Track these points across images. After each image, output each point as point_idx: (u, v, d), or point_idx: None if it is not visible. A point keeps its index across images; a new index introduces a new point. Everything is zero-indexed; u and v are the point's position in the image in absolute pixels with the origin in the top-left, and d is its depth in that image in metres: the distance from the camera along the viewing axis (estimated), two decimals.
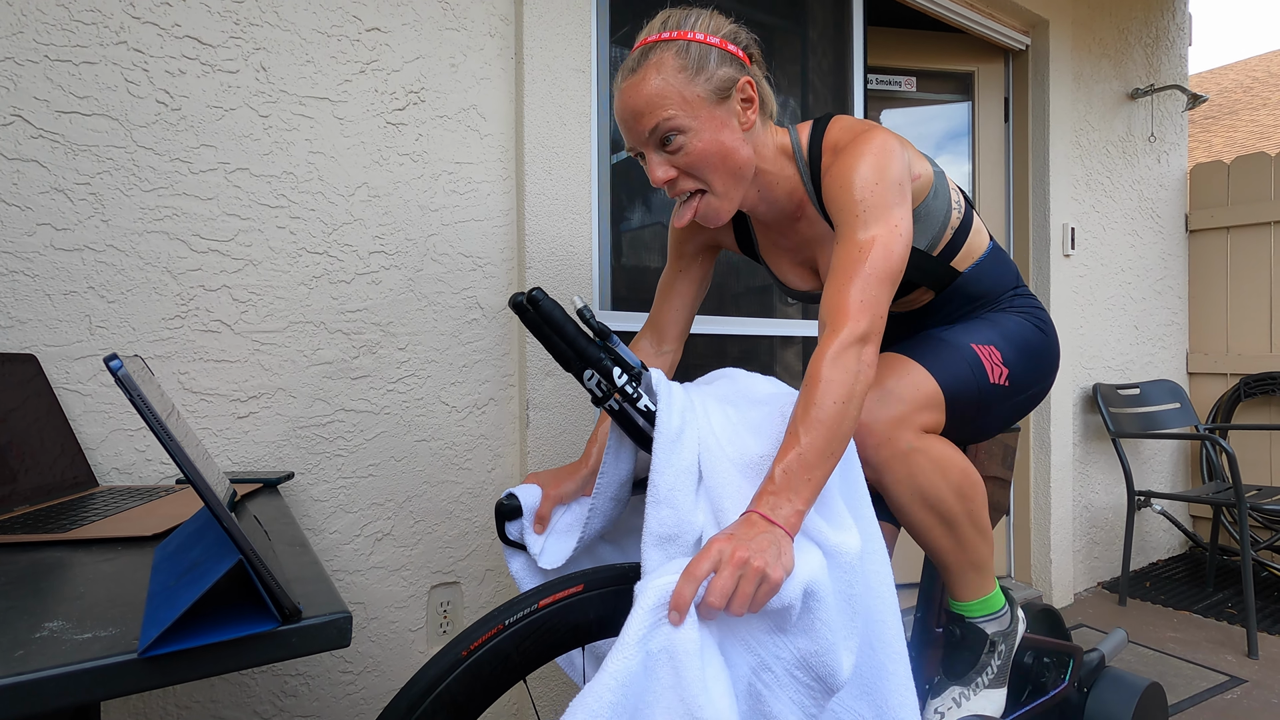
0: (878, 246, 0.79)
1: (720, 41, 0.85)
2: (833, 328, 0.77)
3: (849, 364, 0.75)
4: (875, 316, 0.77)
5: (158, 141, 1.08)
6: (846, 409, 0.73)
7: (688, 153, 0.85)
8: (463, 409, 1.34)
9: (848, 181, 0.83)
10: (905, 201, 0.83)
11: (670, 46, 0.84)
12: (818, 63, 2.00)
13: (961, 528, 0.94)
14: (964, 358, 0.95)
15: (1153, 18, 2.91)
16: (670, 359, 1.10)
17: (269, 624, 0.50)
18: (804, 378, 0.77)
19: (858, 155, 0.84)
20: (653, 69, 0.83)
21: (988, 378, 0.96)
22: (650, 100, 0.83)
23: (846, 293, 0.78)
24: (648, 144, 0.87)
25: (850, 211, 0.82)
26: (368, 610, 1.25)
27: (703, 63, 0.84)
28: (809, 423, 0.73)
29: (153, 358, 1.07)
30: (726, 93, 0.86)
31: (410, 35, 1.29)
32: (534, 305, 0.76)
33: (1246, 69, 9.71)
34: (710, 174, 0.87)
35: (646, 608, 0.61)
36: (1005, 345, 1.00)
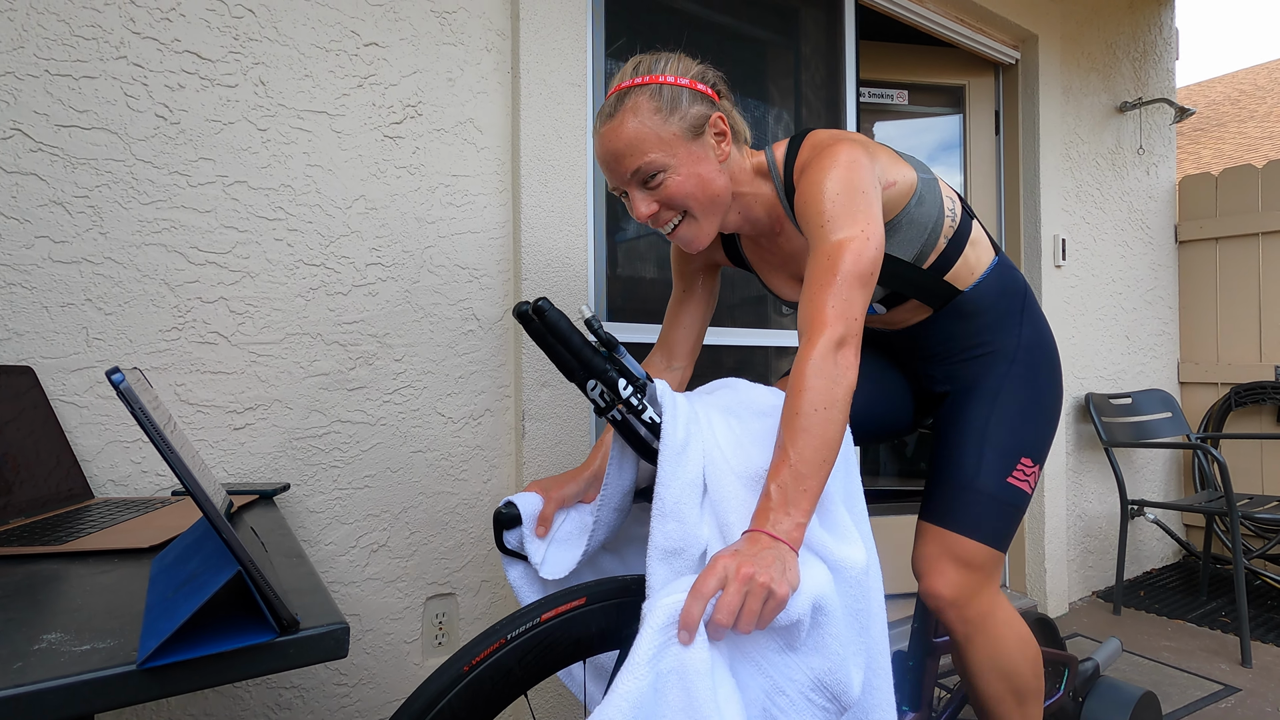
0: (847, 252, 0.81)
1: (690, 82, 0.90)
2: (810, 336, 0.78)
3: (828, 369, 0.76)
4: (850, 320, 0.79)
5: (156, 155, 1.08)
6: (830, 414, 0.74)
7: (667, 188, 0.89)
8: (459, 420, 1.35)
9: (814, 195, 0.85)
10: (872, 208, 0.85)
11: (644, 90, 0.88)
12: (811, 76, 2.02)
13: (1031, 703, 1.02)
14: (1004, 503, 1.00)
15: (1140, 32, 2.96)
16: (680, 375, 1.12)
17: (267, 635, 0.50)
18: (787, 389, 0.78)
19: (822, 170, 0.86)
20: (629, 113, 0.87)
21: (1028, 495, 1.03)
22: (630, 143, 0.87)
23: (820, 300, 0.79)
24: (630, 183, 0.91)
25: (817, 222, 0.84)
26: (363, 622, 1.24)
27: (675, 103, 0.88)
28: (796, 433, 0.73)
29: (149, 369, 1.07)
30: (700, 129, 0.90)
31: (408, 50, 1.30)
32: (539, 315, 0.77)
33: (1233, 82, 9.84)
34: (690, 203, 0.91)
35: (656, 627, 0.61)
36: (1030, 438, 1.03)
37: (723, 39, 1.83)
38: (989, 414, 1.03)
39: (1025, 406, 1.04)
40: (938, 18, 2.25)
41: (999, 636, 1.00)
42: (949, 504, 1.01)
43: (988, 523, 1.00)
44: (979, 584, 1.00)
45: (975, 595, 0.99)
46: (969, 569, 0.99)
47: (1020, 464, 1.02)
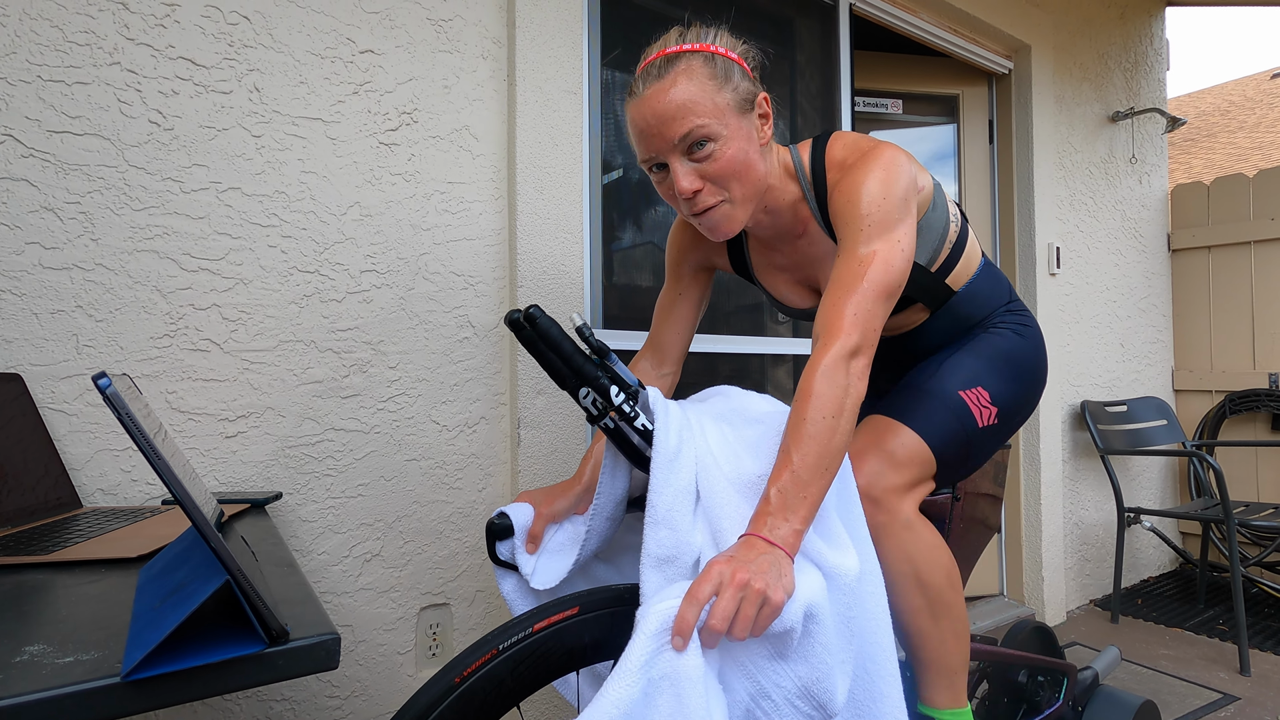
0: (878, 261, 0.80)
1: (738, 58, 0.87)
2: (825, 341, 0.77)
3: (839, 378, 0.75)
4: (868, 330, 0.78)
5: (149, 161, 1.08)
6: (838, 423, 0.74)
7: (716, 159, 0.84)
8: (453, 428, 1.34)
9: (855, 196, 0.83)
10: (910, 218, 0.84)
11: (697, 56, 0.84)
12: (806, 85, 2.03)
13: (947, 619, 0.92)
14: (950, 409, 0.95)
15: (1131, 43, 2.99)
16: (670, 380, 1.11)
17: (256, 646, 0.49)
18: (796, 392, 0.77)
19: (866, 171, 0.85)
20: (683, 75, 0.82)
21: (976, 423, 0.97)
22: (682, 106, 0.81)
23: (842, 307, 0.78)
24: (674, 151, 0.84)
25: (854, 226, 0.82)
26: (355, 633, 1.23)
27: (728, 74, 0.84)
28: (800, 439, 0.73)
29: (141, 377, 1.06)
30: (749, 105, 0.86)
31: (404, 57, 1.30)
32: (530, 323, 0.76)
33: (1223, 93, 9.94)
34: (733, 184, 0.86)
35: (649, 633, 0.60)
36: (992, 378, 0.99)
37: None
38: (954, 350, 1.03)
39: (995, 358, 1.01)
40: (931, 28, 2.27)
41: (906, 539, 0.90)
42: (891, 400, 0.97)
43: (924, 416, 0.93)
44: (901, 482, 0.90)
45: (893, 493, 0.90)
46: (893, 461, 0.90)
47: (977, 389, 0.97)
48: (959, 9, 2.25)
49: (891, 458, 0.91)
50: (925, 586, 0.90)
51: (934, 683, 0.94)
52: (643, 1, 1.67)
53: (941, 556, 0.92)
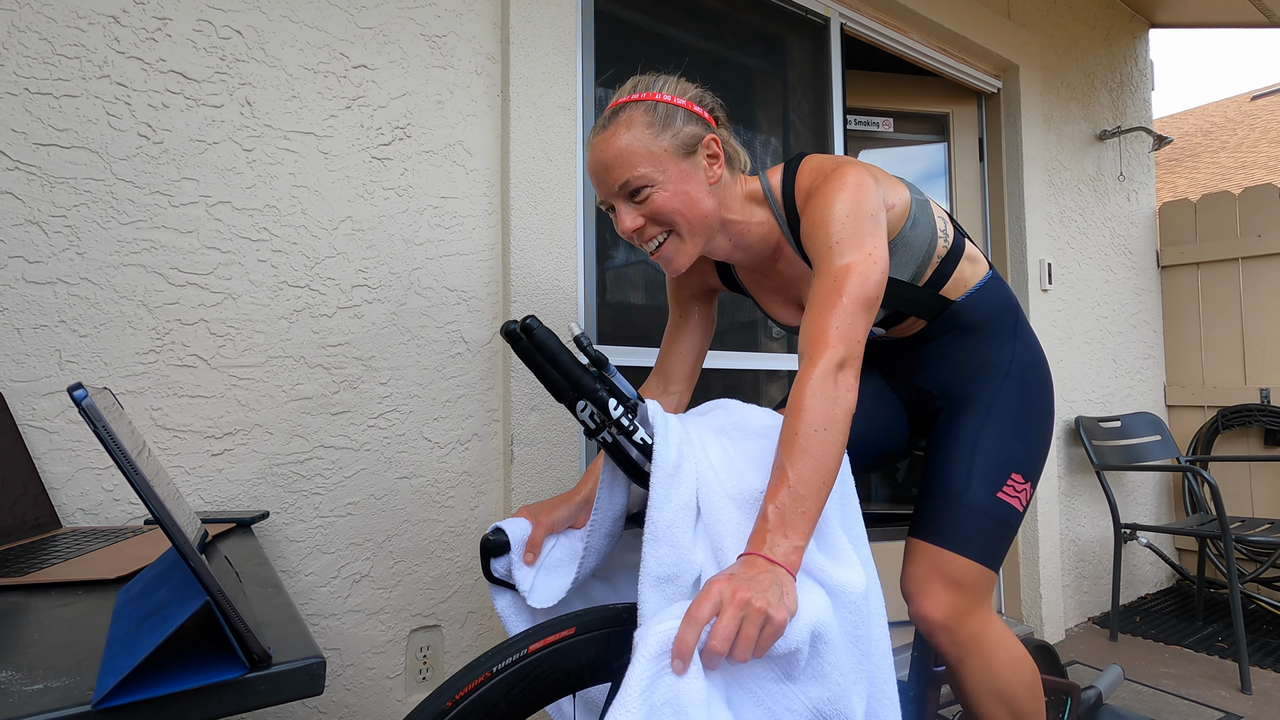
0: (853, 275, 0.80)
1: (686, 103, 0.90)
2: (811, 357, 0.77)
3: (828, 390, 0.74)
4: (852, 343, 0.78)
5: (138, 174, 1.06)
6: (829, 435, 0.73)
7: (653, 202, 0.88)
8: (445, 445, 1.32)
9: (822, 218, 0.85)
10: (880, 231, 0.85)
11: (639, 106, 0.88)
12: (798, 104, 2.05)
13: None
14: (994, 517, 0.98)
15: (1117, 64, 3.03)
16: (677, 399, 1.10)
17: (237, 670, 0.47)
18: (786, 408, 0.76)
19: (831, 193, 0.86)
20: (622, 126, 0.87)
21: (1019, 512, 1.00)
22: (619, 155, 0.87)
23: (823, 322, 0.78)
24: (617, 196, 0.90)
25: (825, 245, 0.83)
26: (344, 656, 1.19)
27: (669, 120, 0.88)
28: (794, 454, 0.72)
29: (125, 393, 1.04)
30: (692, 148, 0.89)
31: (397, 73, 1.30)
32: (527, 333, 0.75)
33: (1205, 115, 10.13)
34: (676, 220, 0.90)
35: (648, 656, 0.58)
36: (1021, 454, 1.01)
37: (711, 66, 1.84)
38: (980, 428, 1.02)
39: (1017, 423, 1.02)
40: (921, 47, 2.30)
41: (993, 658, 0.96)
42: (938, 520, 0.99)
43: (977, 539, 0.97)
44: (970, 604, 0.97)
45: (967, 616, 0.96)
46: (959, 588, 0.96)
47: (1011, 479, 0.99)
48: (948, 29, 2.28)
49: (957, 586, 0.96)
50: (1006, 698, 0.97)
51: None
52: (635, 18, 1.68)
53: (1024, 671, 0.98)
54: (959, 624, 0.96)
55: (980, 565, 0.96)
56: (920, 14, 2.19)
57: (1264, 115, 9.30)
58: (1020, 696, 0.97)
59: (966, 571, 0.96)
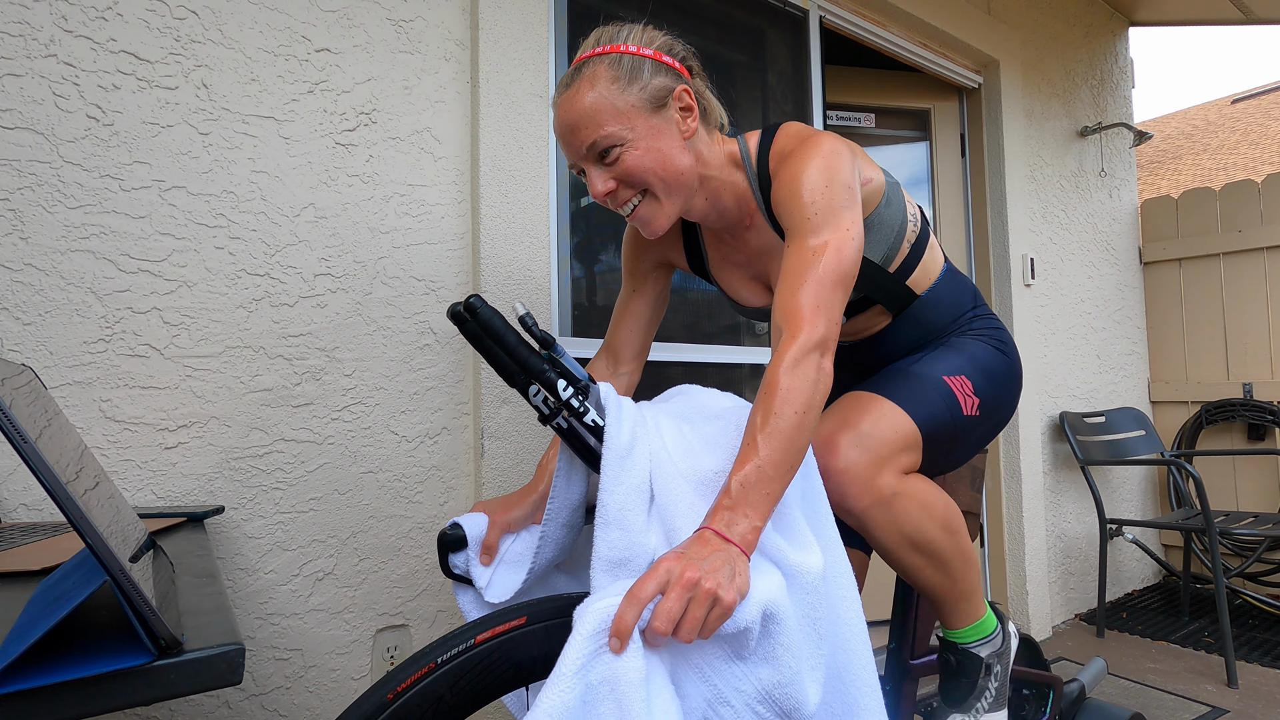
0: (830, 250, 0.77)
1: (654, 53, 0.85)
2: (790, 333, 0.74)
3: (808, 372, 0.71)
4: (831, 321, 0.75)
5: (86, 157, 1.02)
6: (806, 419, 0.70)
7: (624, 162, 0.84)
8: (413, 439, 1.28)
9: (796, 186, 0.81)
10: (856, 204, 0.82)
11: (603, 60, 0.84)
12: (778, 99, 2.03)
13: (952, 562, 0.91)
14: (938, 391, 0.92)
15: (1097, 61, 3.04)
16: (626, 380, 1.06)
17: (142, 657, 0.43)
18: (761, 384, 0.73)
19: (806, 160, 0.82)
20: (586, 83, 0.83)
21: (961, 410, 0.94)
22: (585, 114, 0.83)
23: (800, 297, 0.75)
24: (586, 159, 0.86)
25: (800, 215, 0.80)
26: (306, 657, 1.15)
27: (636, 73, 0.83)
28: (768, 433, 0.69)
29: (72, 384, 1.00)
30: (662, 101, 0.85)
31: (362, 57, 1.27)
32: (471, 313, 0.72)
33: (1186, 118, 10.24)
34: (651, 180, 0.85)
35: (585, 634, 0.55)
36: (975, 373, 0.97)
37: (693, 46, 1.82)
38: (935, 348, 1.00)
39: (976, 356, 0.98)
40: (902, 41, 2.29)
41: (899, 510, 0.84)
42: (873, 379, 0.93)
43: (908, 392, 0.88)
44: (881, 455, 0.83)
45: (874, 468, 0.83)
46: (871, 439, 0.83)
47: (960, 377, 0.94)
48: (928, 24, 2.27)
49: (869, 434, 0.84)
50: (921, 547, 0.88)
51: (951, 612, 0.95)
52: (608, 6, 1.66)
53: (933, 512, 0.87)
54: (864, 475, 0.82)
55: (906, 416, 0.86)
56: (900, 8, 2.18)
57: (1244, 118, 9.41)
58: (932, 538, 0.87)
59: (887, 415, 0.85)
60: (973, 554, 0.95)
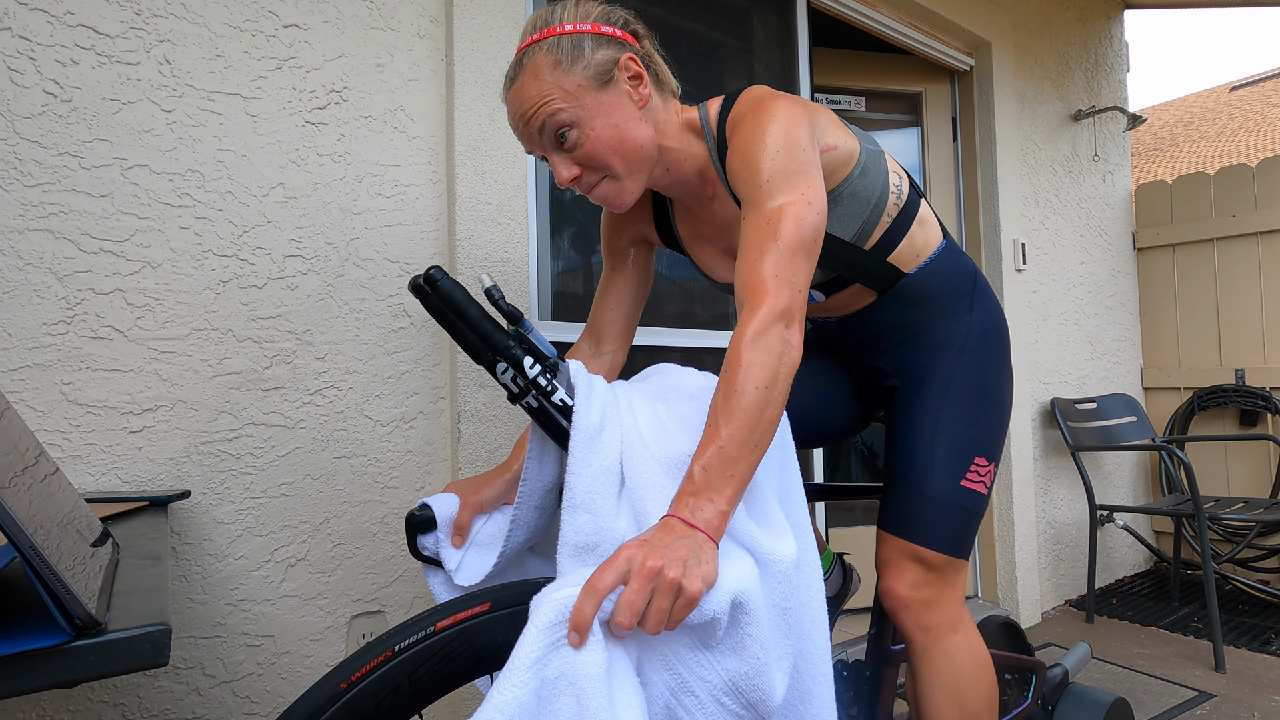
0: (787, 216, 0.74)
1: (592, 26, 0.83)
2: (751, 305, 0.71)
3: (771, 345, 0.69)
4: (795, 291, 0.72)
5: (44, 134, 1.00)
6: (770, 394, 0.67)
7: (583, 145, 0.82)
8: (388, 423, 1.26)
9: (750, 152, 0.78)
10: (814, 169, 0.79)
11: (542, 46, 0.81)
12: (765, 82, 2.00)
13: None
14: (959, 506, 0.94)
15: (1091, 44, 3.01)
16: (610, 360, 1.04)
17: (57, 637, 0.41)
18: (724, 361, 0.70)
19: (758, 125, 0.80)
20: (529, 73, 0.81)
21: (984, 496, 0.97)
22: (533, 104, 0.81)
23: (760, 266, 0.72)
24: (544, 145, 0.84)
25: (754, 183, 0.77)
26: (278, 644, 1.14)
27: (577, 51, 0.81)
28: (729, 412, 0.66)
29: (32, 366, 0.97)
30: (609, 75, 0.82)
31: (331, 33, 1.24)
32: (432, 285, 0.70)
33: (1184, 105, 10.19)
34: (611, 159, 0.83)
35: (541, 626, 0.53)
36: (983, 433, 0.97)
37: (671, 41, 1.79)
38: (939, 412, 0.97)
39: (977, 400, 0.98)
40: (892, 23, 2.25)
41: (957, 655, 0.93)
42: (904, 513, 0.96)
43: (944, 530, 0.94)
44: (939, 589, 0.94)
45: (935, 601, 0.93)
46: (928, 570, 0.94)
47: (974, 465, 0.96)
48: (918, 3, 2.24)
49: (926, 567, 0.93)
50: (963, 705, 0.93)
51: None
52: None
53: (985, 678, 0.94)
54: (926, 606, 0.93)
55: (948, 556, 0.94)
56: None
57: (1243, 105, 9.37)
58: (975, 702, 0.94)
59: (934, 560, 0.94)
60: None
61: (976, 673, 0.94)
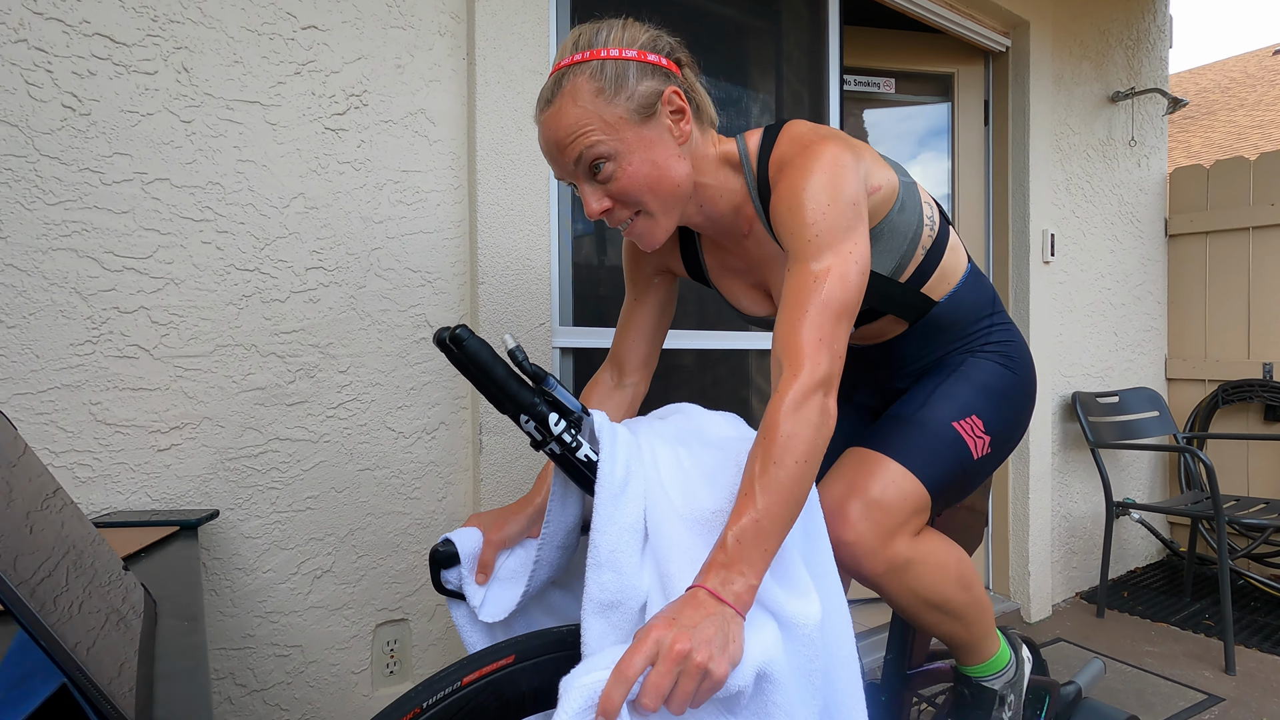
0: (833, 278, 0.72)
1: (638, 53, 0.78)
2: (791, 369, 0.70)
3: (811, 416, 0.68)
4: (835, 356, 0.71)
5: (64, 150, 0.98)
6: (808, 468, 0.67)
7: (618, 179, 0.79)
8: (410, 434, 1.26)
9: (797, 203, 0.76)
10: (861, 223, 0.76)
11: (584, 69, 0.77)
12: (793, 63, 1.93)
13: (968, 614, 0.92)
14: (947, 444, 0.89)
15: (1134, 19, 2.88)
16: (632, 392, 1.03)
17: None
18: (761, 426, 0.69)
19: (806, 172, 0.76)
20: (568, 97, 0.77)
21: (971, 455, 0.91)
22: (570, 130, 0.77)
23: (801, 330, 0.71)
24: (577, 175, 0.81)
25: (801, 238, 0.75)
26: (306, 653, 1.16)
27: (621, 80, 0.77)
28: (767, 483, 0.65)
29: (61, 387, 0.98)
30: (651, 108, 0.79)
31: (350, 34, 1.20)
32: (458, 344, 0.69)
33: (1224, 70, 9.80)
34: (646, 197, 0.81)
35: (571, 711, 0.53)
36: (986, 407, 0.93)
37: (699, 22, 1.73)
38: (945, 376, 0.96)
39: (989, 385, 0.95)
40: (926, 3, 2.16)
41: (913, 577, 0.86)
42: (877, 432, 0.91)
43: (915, 449, 0.87)
44: (892, 524, 0.83)
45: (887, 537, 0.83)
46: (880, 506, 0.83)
47: (971, 420, 0.91)
48: None
49: (879, 503, 0.84)
50: (937, 605, 0.89)
51: (967, 653, 0.97)
52: None
53: (948, 572, 0.89)
54: (878, 546, 0.83)
55: (914, 479, 0.85)
56: None
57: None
58: (947, 595, 0.88)
59: (895, 480, 0.84)
60: (987, 601, 0.96)
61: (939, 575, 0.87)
